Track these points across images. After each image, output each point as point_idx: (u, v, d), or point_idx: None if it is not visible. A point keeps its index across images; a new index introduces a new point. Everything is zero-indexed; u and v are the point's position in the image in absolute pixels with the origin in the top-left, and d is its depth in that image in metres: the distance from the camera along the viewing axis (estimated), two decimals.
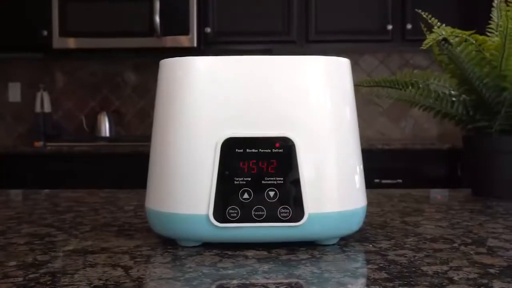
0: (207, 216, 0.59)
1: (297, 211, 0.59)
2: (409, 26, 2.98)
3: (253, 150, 0.59)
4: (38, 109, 3.25)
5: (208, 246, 0.62)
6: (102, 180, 2.69)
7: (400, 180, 2.75)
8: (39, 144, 2.93)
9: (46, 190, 1.18)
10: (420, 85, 1.06)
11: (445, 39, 0.96)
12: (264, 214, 0.59)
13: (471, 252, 0.60)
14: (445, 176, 2.76)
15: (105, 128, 3.26)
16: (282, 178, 0.59)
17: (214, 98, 0.60)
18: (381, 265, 0.55)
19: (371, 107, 3.39)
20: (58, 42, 3.00)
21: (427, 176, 2.76)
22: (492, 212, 0.86)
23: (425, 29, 1.01)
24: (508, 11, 0.91)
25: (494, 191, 1.02)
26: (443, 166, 2.77)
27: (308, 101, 0.61)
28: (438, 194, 1.12)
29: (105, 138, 3.21)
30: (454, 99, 1.05)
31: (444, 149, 2.77)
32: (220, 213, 0.59)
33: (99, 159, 2.80)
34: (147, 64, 3.39)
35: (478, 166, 1.04)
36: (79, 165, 2.79)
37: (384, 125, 3.42)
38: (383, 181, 2.75)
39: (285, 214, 0.59)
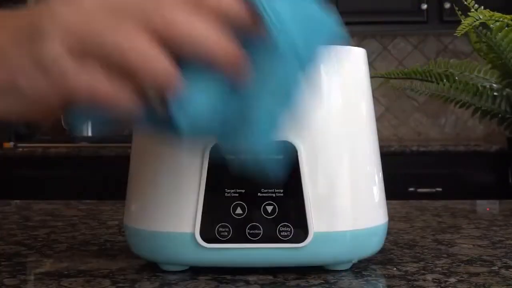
0: (193, 235, 0.59)
1: (300, 230, 0.59)
2: (447, 5, 2.97)
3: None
4: None
5: (203, 269, 0.63)
6: (83, 188, 2.71)
7: (439, 189, 2.74)
8: (9, 145, 2.94)
9: (16, 201, 1.19)
10: (456, 78, 1.06)
11: (483, 24, 0.97)
12: (260, 233, 0.59)
13: None
14: (494, 183, 2.75)
15: (87, 126, 3.27)
16: (282, 190, 0.59)
17: None
18: None
19: (404, 101, 3.39)
20: None
21: (472, 184, 2.75)
22: None
23: (459, 12, 1.01)
24: None
25: None
26: (491, 171, 2.76)
27: (314, 99, 0.58)
28: (481, 205, 1.12)
29: (87, 138, 3.21)
30: (496, 93, 1.05)
31: (492, 152, 2.76)
32: (208, 232, 0.59)
33: (79, 163, 2.81)
34: None
35: None
36: (56, 170, 2.81)
37: (420, 123, 3.42)
38: (419, 190, 2.74)
39: (285, 234, 0.59)
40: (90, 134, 3.27)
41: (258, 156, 0.51)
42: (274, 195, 0.59)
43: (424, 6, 3.00)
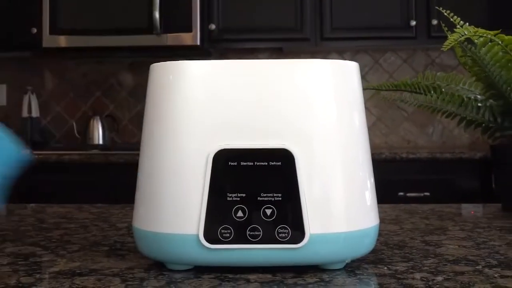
0: (197, 236, 0.60)
1: (297, 232, 0.59)
2: (434, 22, 2.98)
3: (248, 163, 0.60)
4: (25, 113, 3.27)
5: (206, 268, 0.63)
6: (94, 193, 2.71)
7: (427, 193, 2.74)
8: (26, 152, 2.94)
9: (32, 205, 1.20)
10: (443, 89, 1.06)
11: (468, 39, 0.97)
12: (260, 235, 0.59)
13: (496, 275, 0.61)
14: (478, 188, 2.75)
15: (98, 134, 3.27)
16: (280, 195, 0.60)
17: (206, 106, 0.61)
18: None
19: (394, 111, 3.39)
20: (48, 40, 3.03)
21: (457, 189, 2.75)
22: None
23: (445, 28, 1.01)
24: None
25: None
26: (475, 177, 2.76)
27: (310, 110, 0.61)
28: (466, 209, 1.12)
29: (97, 146, 3.22)
30: (480, 104, 1.06)
31: (476, 159, 2.76)
32: (212, 233, 0.59)
33: (91, 169, 2.82)
34: (145, 64, 3.40)
35: (507, 178, 1.05)
36: (69, 176, 2.81)
37: (409, 132, 3.42)
38: (408, 195, 2.74)
39: (283, 235, 0.59)
40: (101, 142, 3.28)
41: None
42: (273, 199, 0.59)
43: (413, 23, 3.02)
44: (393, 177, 2.72)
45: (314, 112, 0.61)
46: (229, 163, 0.60)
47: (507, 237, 0.82)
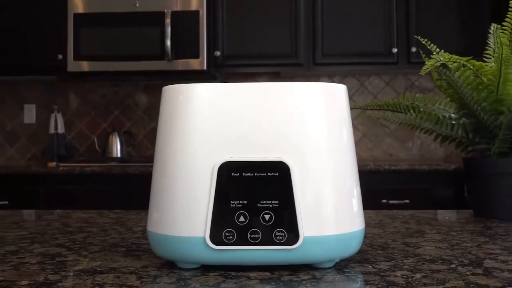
0: (204, 238, 0.60)
1: (292, 235, 0.60)
2: (413, 49, 3.00)
3: (249, 174, 0.60)
4: (52, 130, 3.28)
5: (212, 267, 0.63)
6: (112, 200, 2.71)
7: (407, 201, 2.74)
8: (52, 164, 2.95)
9: (58, 211, 1.20)
10: (421, 109, 1.07)
11: (443, 65, 0.98)
12: (260, 237, 0.60)
13: (468, 273, 0.61)
14: (452, 196, 2.75)
15: (117, 149, 3.28)
16: (277, 202, 0.60)
17: (212, 124, 0.61)
18: (380, 286, 0.56)
19: (378, 128, 3.40)
20: (72, 65, 3.05)
21: (434, 197, 2.75)
22: (492, 234, 0.87)
23: (423, 55, 1.02)
24: (503, 37, 0.92)
25: (494, 213, 1.02)
26: (449, 186, 2.77)
27: (304, 127, 0.61)
28: (442, 214, 1.12)
29: (116, 159, 3.23)
30: (454, 122, 1.06)
31: (450, 170, 2.76)
32: (217, 236, 0.60)
33: (110, 180, 2.82)
34: (158, 86, 3.42)
35: (478, 187, 1.05)
36: (91, 185, 2.81)
37: (391, 146, 3.42)
38: (391, 202, 2.74)
39: (280, 237, 0.60)
40: (119, 155, 3.28)
41: None
42: (271, 205, 0.60)
43: (395, 50, 3.03)
44: (377, 186, 2.73)
45: (308, 129, 0.62)
46: (232, 174, 0.60)
47: (478, 239, 0.82)
